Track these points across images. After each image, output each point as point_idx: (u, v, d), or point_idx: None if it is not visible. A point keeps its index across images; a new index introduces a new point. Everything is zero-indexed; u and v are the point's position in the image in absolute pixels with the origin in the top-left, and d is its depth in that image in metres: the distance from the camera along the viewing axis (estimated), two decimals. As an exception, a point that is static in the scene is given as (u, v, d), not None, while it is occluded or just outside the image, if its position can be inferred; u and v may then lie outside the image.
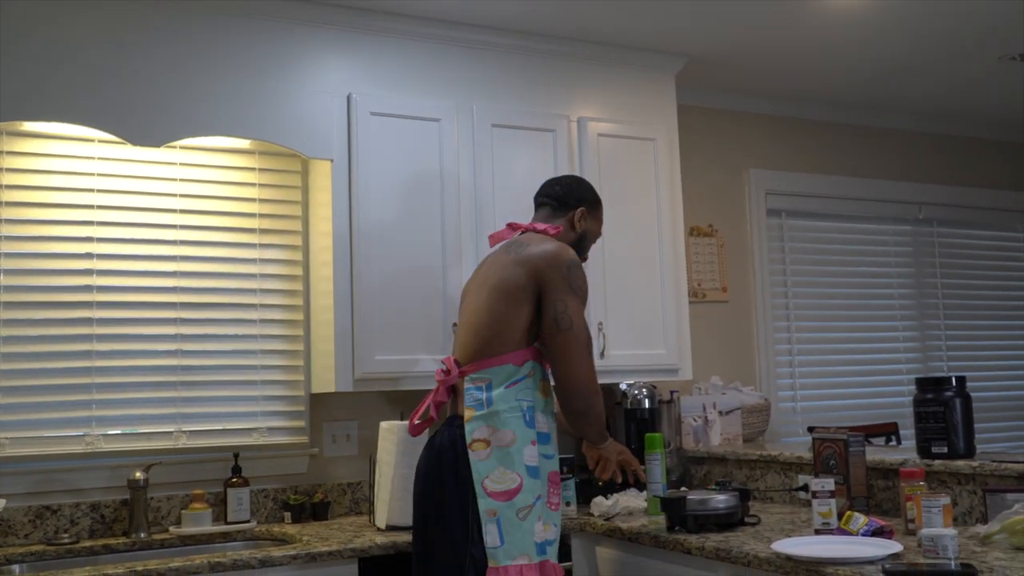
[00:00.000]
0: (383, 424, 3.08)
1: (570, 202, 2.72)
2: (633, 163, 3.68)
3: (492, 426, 2.35)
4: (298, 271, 3.43)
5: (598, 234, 2.78)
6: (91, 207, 3.14)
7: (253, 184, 3.40)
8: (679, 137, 3.85)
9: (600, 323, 3.45)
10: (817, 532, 2.44)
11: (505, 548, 2.26)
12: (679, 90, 3.96)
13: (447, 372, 2.51)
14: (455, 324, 2.85)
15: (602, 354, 3.44)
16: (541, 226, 2.65)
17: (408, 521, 2.92)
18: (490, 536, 2.27)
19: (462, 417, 2.42)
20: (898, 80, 4.35)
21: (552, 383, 2.52)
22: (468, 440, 2.36)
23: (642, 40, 3.70)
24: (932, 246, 5.02)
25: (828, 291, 4.67)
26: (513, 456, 2.32)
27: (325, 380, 3.22)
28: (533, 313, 2.45)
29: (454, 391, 2.53)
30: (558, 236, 2.62)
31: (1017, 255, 5.31)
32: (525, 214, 3.44)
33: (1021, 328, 5.24)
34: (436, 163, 3.31)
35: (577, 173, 3.57)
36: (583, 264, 2.58)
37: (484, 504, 2.29)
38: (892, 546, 2.14)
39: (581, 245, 2.71)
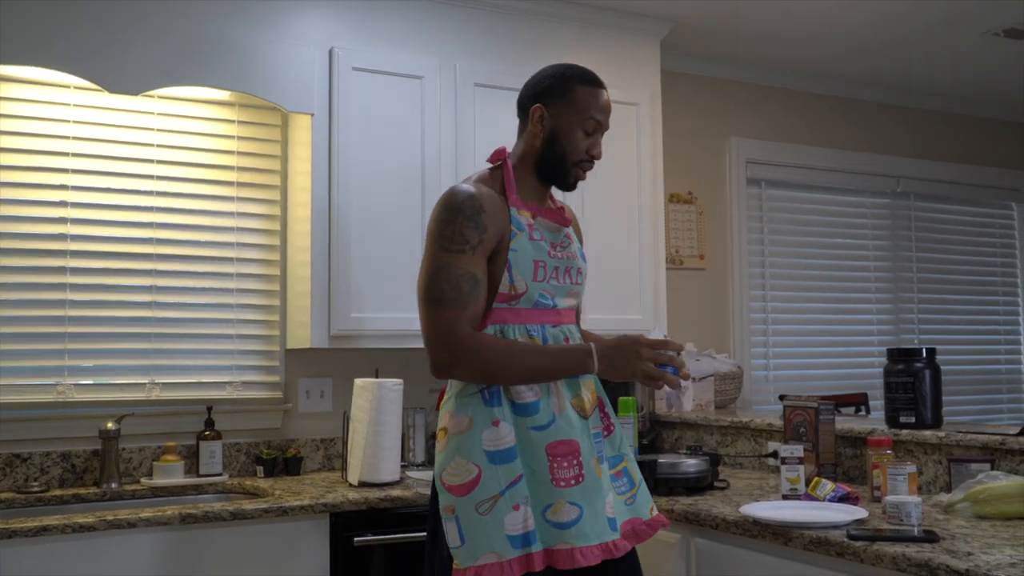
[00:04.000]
0: (357, 381, 3.09)
1: (525, 103, 2.11)
2: (615, 127, 3.62)
3: (450, 411, 2.00)
4: (276, 226, 3.41)
5: (585, 124, 2.07)
6: (66, 155, 3.09)
7: (232, 137, 3.36)
8: (662, 103, 3.84)
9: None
10: (785, 497, 2.48)
11: (466, 548, 1.90)
12: (664, 56, 3.94)
13: None
14: None
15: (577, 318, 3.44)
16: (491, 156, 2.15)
17: (380, 477, 2.95)
18: (450, 536, 1.93)
19: None
20: (881, 53, 4.34)
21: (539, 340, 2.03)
22: (436, 430, 2.06)
23: (628, 4, 3.67)
24: (909, 219, 5.05)
25: (805, 261, 4.70)
26: (469, 444, 1.94)
27: (300, 336, 3.21)
28: None
29: None
30: (520, 152, 2.11)
31: (991, 231, 5.36)
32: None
33: (993, 302, 5.31)
34: (418, 121, 3.29)
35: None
36: (580, 177, 2.11)
37: (443, 500, 1.96)
38: (857, 512, 2.18)
39: (555, 149, 2.06)
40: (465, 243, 1.94)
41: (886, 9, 3.80)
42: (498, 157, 2.11)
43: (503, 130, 3.43)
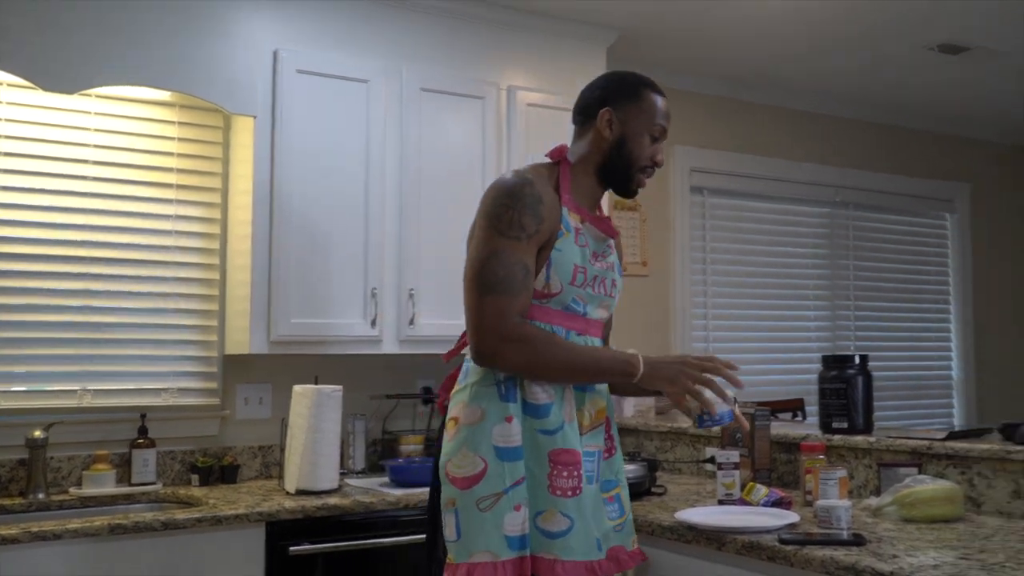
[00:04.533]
0: (296, 388, 3.05)
1: (592, 107, 2.08)
2: (562, 134, 3.59)
3: (463, 401, 1.95)
4: (216, 229, 3.36)
5: (653, 130, 2.08)
6: (-4, 154, 3.02)
7: (172, 138, 3.30)
8: (606, 111, 3.86)
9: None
10: (721, 502, 2.51)
11: (461, 543, 1.87)
12: (611, 64, 3.96)
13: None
14: None
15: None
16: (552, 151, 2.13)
17: (317, 485, 2.92)
18: (447, 528, 1.90)
19: None
20: (820, 65, 4.43)
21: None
22: (446, 419, 2.01)
23: (574, 11, 3.70)
24: (847, 229, 5.15)
25: (745, 269, 4.77)
26: (478, 436, 1.90)
27: (239, 341, 3.17)
28: None
29: None
30: (580, 152, 2.08)
31: (926, 240, 5.49)
32: (453, 180, 3.44)
33: (926, 310, 5.43)
34: (363, 125, 3.27)
35: (504, 143, 3.56)
36: (641, 183, 2.10)
37: (446, 492, 1.93)
38: (789, 516, 2.21)
39: (623, 154, 2.05)
40: (522, 230, 1.91)
41: (824, 22, 3.87)
42: (558, 154, 2.09)
43: (447, 136, 3.44)
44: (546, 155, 2.10)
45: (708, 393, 1.91)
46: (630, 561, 2.07)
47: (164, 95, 3.23)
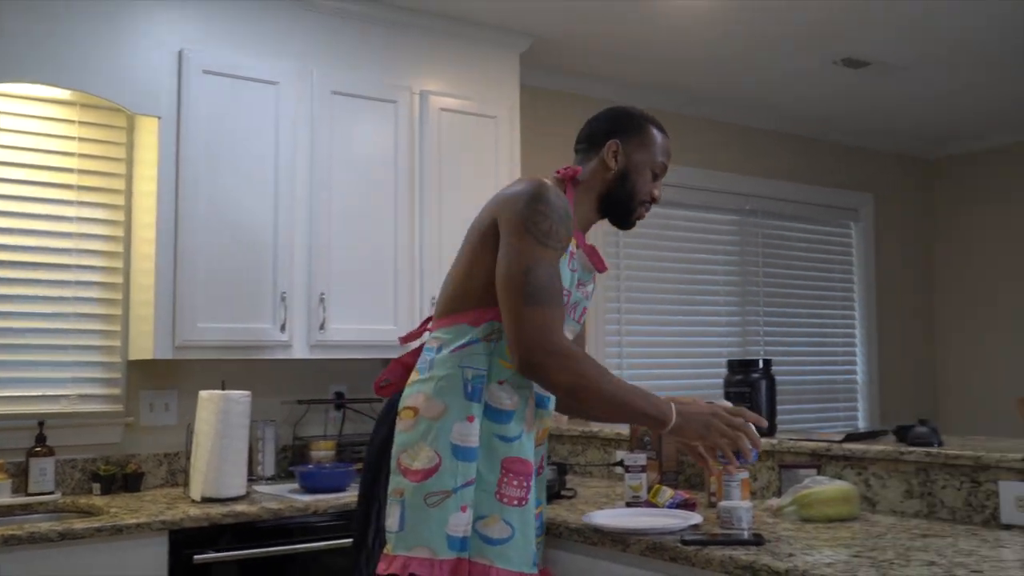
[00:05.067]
0: (202, 393, 2.99)
1: (598, 137, 2.15)
2: (474, 140, 3.69)
3: (426, 393, 1.93)
4: (119, 231, 3.28)
5: (655, 166, 2.16)
6: None
7: (72, 138, 3.22)
8: (522, 118, 3.89)
9: (433, 297, 3.47)
10: (628, 505, 2.54)
11: (402, 535, 1.85)
12: (524, 71, 3.99)
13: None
14: None
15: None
16: (563, 170, 2.15)
17: (224, 492, 2.87)
18: (391, 518, 1.88)
19: None
20: (733, 76, 4.53)
21: None
22: (400, 406, 1.97)
23: (487, 16, 3.71)
24: (757, 236, 5.28)
25: (657, 275, 4.84)
26: (438, 431, 1.88)
27: (143, 347, 3.09)
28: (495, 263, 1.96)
29: None
30: (582, 179, 2.12)
31: (832, 248, 5.65)
32: (364, 184, 3.41)
33: (832, 316, 5.60)
34: (272, 127, 3.23)
35: (416, 147, 3.55)
36: (641, 216, 2.16)
37: (395, 482, 1.90)
38: (693, 517, 2.25)
39: (626, 186, 2.12)
40: (559, 242, 1.92)
41: (737, 33, 3.97)
42: (572, 174, 2.11)
43: (359, 140, 3.42)
44: (556, 172, 2.13)
45: (743, 442, 1.95)
46: None
47: (64, 94, 3.15)
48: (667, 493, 2.47)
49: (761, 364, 2.86)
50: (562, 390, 1.91)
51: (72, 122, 3.21)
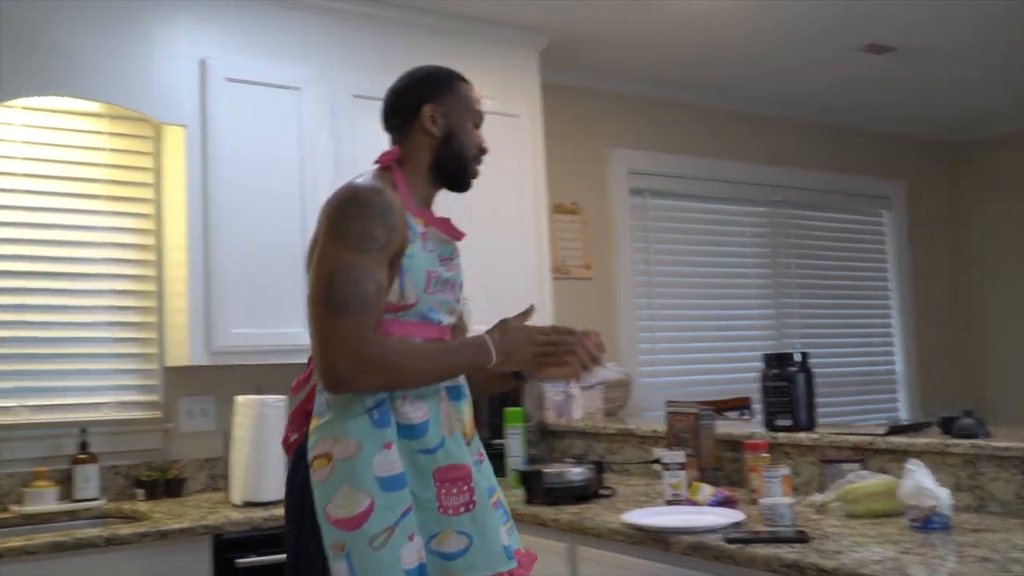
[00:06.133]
0: (239, 398, 3.01)
1: (409, 108, 1.99)
2: (497, 139, 3.62)
3: (334, 436, 1.78)
4: (151, 240, 3.30)
5: (474, 116, 2.02)
6: (-78, 168, 2.94)
7: (103, 149, 3.24)
8: (544, 115, 3.88)
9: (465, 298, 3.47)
10: (668, 503, 2.52)
11: None
12: (544, 68, 3.98)
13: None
14: None
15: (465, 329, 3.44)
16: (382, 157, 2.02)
17: (264, 496, 2.88)
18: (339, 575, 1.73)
19: None
20: (755, 66, 4.49)
21: None
22: (310, 456, 1.81)
23: (506, 15, 3.70)
24: (787, 227, 5.23)
25: (688, 269, 4.81)
26: (359, 471, 1.75)
27: (179, 353, 3.12)
28: None
29: None
30: (406, 157, 1.99)
31: (865, 237, 5.59)
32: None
33: (867, 306, 5.54)
34: (295, 133, 3.24)
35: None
36: (476, 173, 2.05)
37: (329, 537, 1.75)
38: (735, 515, 2.23)
39: (453, 147, 1.98)
40: (373, 242, 1.77)
41: (758, 24, 3.93)
42: (391, 158, 1.98)
43: (382, 142, 3.40)
44: (375, 161, 2.00)
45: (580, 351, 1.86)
46: (528, 563, 2.00)
47: (93, 106, 3.17)
48: (707, 490, 2.46)
49: (798, 357, 2.83)
50: (381, 390, 1.79)
51: (102, 133, 3.24)
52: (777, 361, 2.83)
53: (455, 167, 2.00)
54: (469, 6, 3.59)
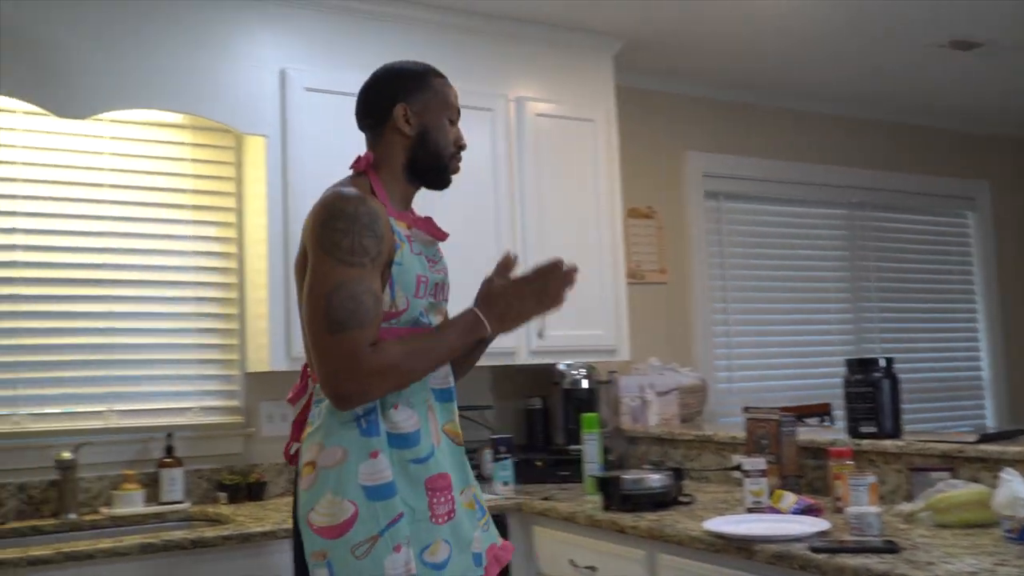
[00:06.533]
0: (319, 404, 3.05)
1: (382, 107, 1.96)
2: (572, 144, 3.69)
3: (319, 443, 1.78)
4: (233, 248, 3.38)
5: (450, 113, 1.99)
6: (14, 180, 3.04)
7: (186, 159, 3.33)
8: (618, 119, 3.86)
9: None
10: (749, 511, 2.48)
11: None
12: (617, 72, 3.96)
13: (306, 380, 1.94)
14: None
15: (540, 334, 3.45)
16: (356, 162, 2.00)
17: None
18: None
19: None
20: (832, 66, 4.40)
21: None
22: (300, 464, 1.84)
23: (579, 21, 3.70)
24: (866, 230, 5.11)
25: (764, 273, 4.74)
26: (343, 478, 1.73)
27: (260, 359, 3.18)
28: None
29: None
30: (381, 159, 1.96)
31: (948, 239, 5.44)
32: (464, 192, 3.42)
33: (952, 310, 5.38)
34: (373, 141, 3.27)
35: (515, 153, 3.55)
36: (455, 169, 2.02)
37: (311, 545, 1.75)
38: (820, 524, 2.19)
39: (429, 145, 1.95)
40: (365, 255, 1.75)
41: (834, 23, 3.85)
42: (365, 163, 1.95)
43: (467, 150, 3.43)
44: (351, 167, 1.97)
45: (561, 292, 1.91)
46: (505, 554, 1.98)
47: (176, 117, 3.25)
48: (791, 498, 2.41)
49: (883, 363, 2.75)
50: (392, 392, 1.80)
51: (185, 144, 3.32)
52: (861, 367, 2.77)
53: (431, 166, 1.97)
54: (542, 13, 3.59)
